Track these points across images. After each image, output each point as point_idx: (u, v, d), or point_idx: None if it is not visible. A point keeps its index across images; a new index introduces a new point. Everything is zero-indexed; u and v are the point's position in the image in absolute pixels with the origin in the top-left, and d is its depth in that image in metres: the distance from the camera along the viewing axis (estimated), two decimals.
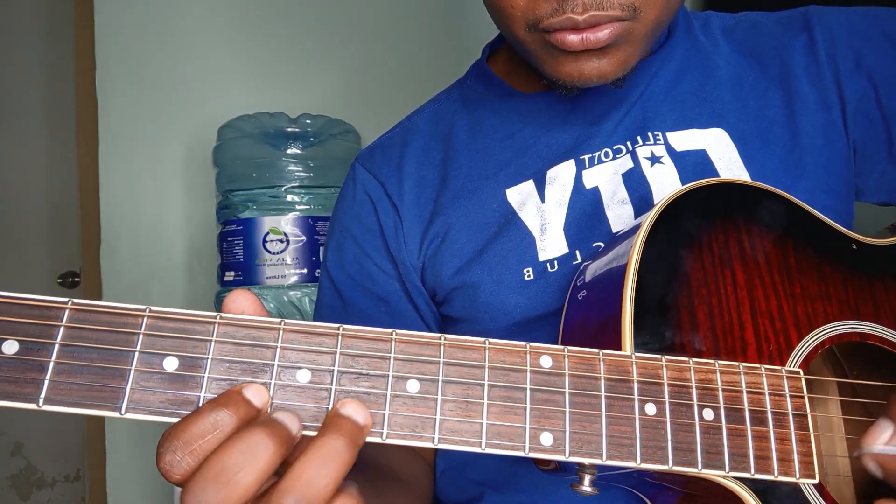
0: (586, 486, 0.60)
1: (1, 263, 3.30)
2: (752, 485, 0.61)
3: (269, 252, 2.12)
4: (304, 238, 2.14)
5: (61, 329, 0.51)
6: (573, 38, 0.78)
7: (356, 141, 2.38)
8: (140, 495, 2.42)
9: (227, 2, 2.56)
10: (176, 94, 2.55)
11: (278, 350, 0.54)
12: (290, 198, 2.17)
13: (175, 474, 0.49)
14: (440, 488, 1.05)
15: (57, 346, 0.51)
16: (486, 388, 0.56)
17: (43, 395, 0.50)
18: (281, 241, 2.13)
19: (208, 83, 2.56)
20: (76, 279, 3.05)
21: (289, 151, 2.17)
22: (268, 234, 2.13)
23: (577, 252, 0.91)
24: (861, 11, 0.96)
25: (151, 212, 2.51)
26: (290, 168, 2.17)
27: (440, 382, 0.56)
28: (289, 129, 2.21)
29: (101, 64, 2.52)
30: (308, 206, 2.17)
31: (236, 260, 2.14)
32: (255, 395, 0.52)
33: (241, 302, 0.56)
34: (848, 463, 0.79)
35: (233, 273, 2.14)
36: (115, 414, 0.50)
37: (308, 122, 2.24)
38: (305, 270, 2.13)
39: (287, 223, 2.14)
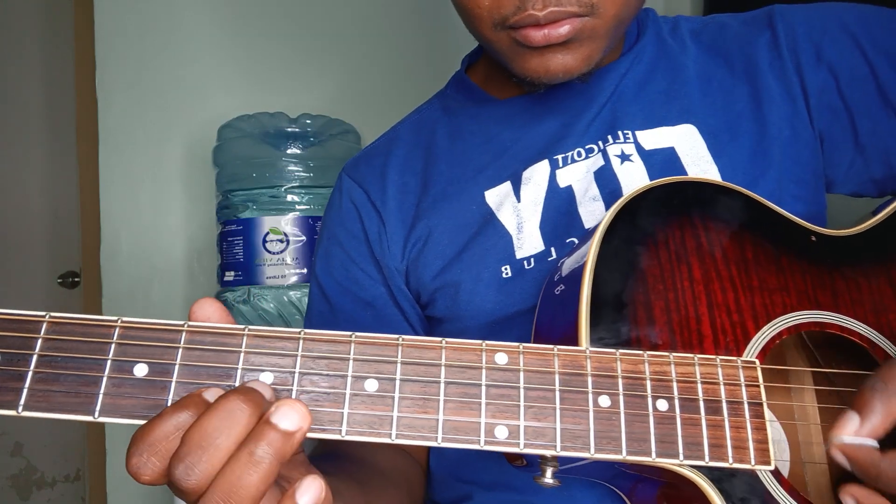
0: (548, 479, 0.63)
1: (1, 263, 3.31)
2: (709, 473, 0.63)
3: (269, 252, 2.13)
4: (304, 238, 2.15)
5: (39, 341, 0.55)
6: (536, 34, 0.83)
7: (356, 141, 2.38)
8: (140, 495, 2.44)
9: (228, 2, 2.56)
10: (176, 94, 2.54)
11: (242, 355, 0.57)
12: (290, 198, 2.17)
13: (144, 475, 0.52)
14: (433, 488, 1.07)
15: (35, 357, 0.55)
16: (442, 385, 0.59)
17: (22, 402, 0.53)
18: (281, 241, 2.13)
19: (208, 83, 2.55)
20: (76, 279, 3.05)
21: (289, 151, 2.17)
22: (268, 234, 2.13)
23: (553, 249, 0.93)
24: (822, 7, 0.99)
25: (151, 212, 2.52)
26: (290, 168, 2.17)
27: (397, 381, 0.58)
28: (289, 129, 2.21)
29: (101, 64, 2.52)
30: (308, 206, 2.18)
31: (236, 260, 2.15)
32: (214, 396, 0.54)
33: (207, 309, 0.60)
34: (824, 450, 0.81)
35: (233, 273, 2.15)
36: (89, 418, 0.54)
37: (308, 122, 2.24)
38: (305, 270, 2.14)
39: (287, 223, 2.15)
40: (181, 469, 0.51)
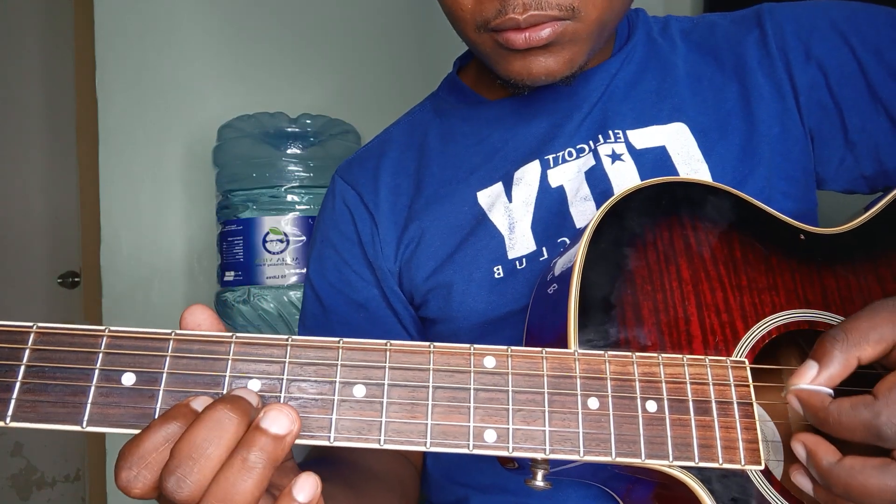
0: (539, 482, 0.64)
1: (1, 263, 3.30)
2: (699, 473, 0.63)
3: (269, 252, 2.13)
4: (304, 238, 2.14)
5: (27, 351, 0.56)
6: (517, 37, 0.84)
7: (356, 141, 2.37)
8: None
9: (227, 2, 2.55)
10: (176, 94, 2.53)
11: (230, 362, 0.58)
12: (290, 198, 2.16)
13: (134, 489, 0.53)
14: (429, 490, 1.08)
15: (23, 368, 0.55)
16: (430, 389, 0.59)
17: (10, 412, 0.54)
18: (281, 241, 2.13)
19: (208, 83, 2.54)
20: (76, 279, 3.04)
21: (289, 151, 2.17)
22: (268, 234, 2.13)
23: (545, 249, 0.94)
24: (811, 4, 0.99)
25: (151, 212, 2.51)
26: (290, 168, 2.17)
27: (385, 386, 0.59)
28: (289, 129, 2.20)
29: (101, 64, 2.51)
30: (308, 206, 2.17)
31: (236, 260, 2.15)
32: (202, 405, 0.55)
33: (198, 316, 0.60)
34: None
35: (233, 273, 2.15)
36: (77, 428, 0.54)
37: (308, 122, 2.23)
38: (305, 270, 2.13)
39: (287, 223, 2.14)
40: (173, 482, 0.51)
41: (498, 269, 0.95)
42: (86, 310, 2.62)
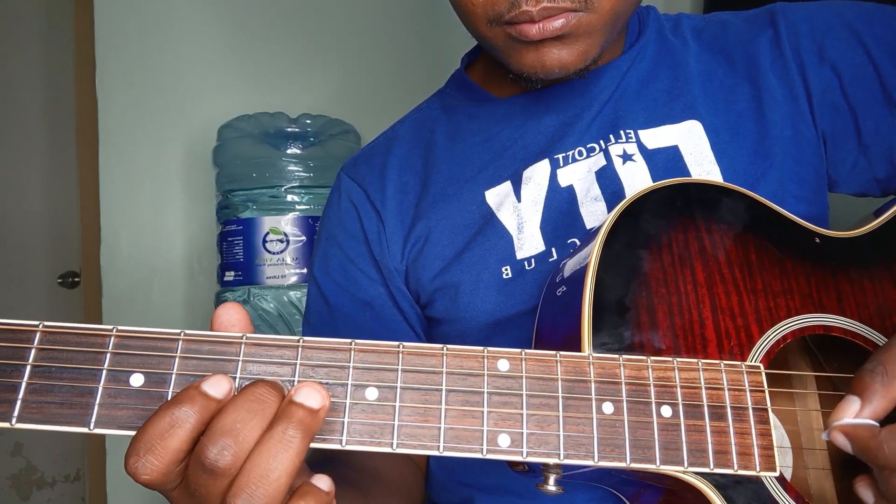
0: (551, 486, 0.62)
1: (1, 263, 3.30)
2: (713, 479, 0.63)
3: (269, 252, 2.13)
4: (304, 238, 2.14)
5: (33, 351, 0.54)
6: (530, 29, 0.82)
7: (356, 141, 2.38)
8: (140, 495, 2.42)
9: (228, 2, 2.55)
10: (176, 94, 2.53)
11: (240, 363, 0.57)
12: (290, 198, 2.17)
13: (142, 475, 0.52)
14: (433, 490, 1.07)
15: (29, 368, 0.54)
16: (443, 393, 0.58)
17: (16, 413, 0.52)
18: (281, 241, 2.13)
19: (208, 83, 2.55)
20: (76, 279, 3.05)
21: (289, 151, 2.17)
22: (268, 234, 2.13)
23: (554, 250, 0.93)
24: (824, 5, 0.98)
25: (151, 212, 2.51)
26: (290, 168, 2.17)
27: (398, 389, 0.58)
28: (289, 129, 2.21)
29: (101, 64, 2.51)
30: (308, 206, 2.17)
31: (236, 260, 2.15)
32: (213, 386, 0.54)
33: (233, 315, 0.59)
34: (827, 456, 0.80)
35: (233, 273, 2.15)
36: (84, 430, 0.53)
37: (308, 122, 2.23)
38: (305, 270, 2.14)
39: (287, 223, 2.15)
40: (214, 451, 0.51)
41: (506, 270, 0.94)
42: (86, 310, 2.62)
